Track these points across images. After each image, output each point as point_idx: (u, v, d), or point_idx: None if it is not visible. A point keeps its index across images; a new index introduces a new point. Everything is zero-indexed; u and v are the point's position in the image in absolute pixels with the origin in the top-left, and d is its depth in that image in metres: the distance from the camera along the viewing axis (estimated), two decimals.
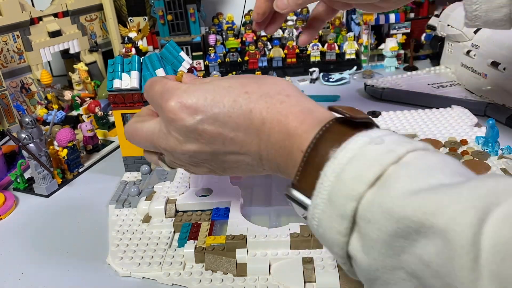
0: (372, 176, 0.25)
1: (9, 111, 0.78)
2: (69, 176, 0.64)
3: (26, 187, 0.62)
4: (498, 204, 0.21)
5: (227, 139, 0.34)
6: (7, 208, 0.57)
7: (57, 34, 0.91)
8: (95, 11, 1.00)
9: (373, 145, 0.26)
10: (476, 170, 0.52)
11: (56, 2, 0.92)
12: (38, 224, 0.55)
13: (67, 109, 0.86)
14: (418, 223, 0.22)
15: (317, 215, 0.27)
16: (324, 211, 0.27)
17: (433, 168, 0.25)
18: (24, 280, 0.45)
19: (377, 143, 0.26)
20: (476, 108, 0.71)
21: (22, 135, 0.57)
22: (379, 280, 0.25)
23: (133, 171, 0.63)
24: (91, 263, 0.47)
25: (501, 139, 0.58)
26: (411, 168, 0.25)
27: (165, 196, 0.51)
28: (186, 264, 0.44)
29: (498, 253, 0.20)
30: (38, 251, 0.50)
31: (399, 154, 0.25)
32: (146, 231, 0.50)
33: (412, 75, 0.90)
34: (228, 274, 0.43)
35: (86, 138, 0.70)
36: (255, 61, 0.99)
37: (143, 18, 1.02)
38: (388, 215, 0.24)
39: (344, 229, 0.26)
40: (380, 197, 0.24)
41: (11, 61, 0.84)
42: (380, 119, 0.69)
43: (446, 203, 0.22)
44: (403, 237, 0.23)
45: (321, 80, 0.96)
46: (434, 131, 0.64)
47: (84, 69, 0.90)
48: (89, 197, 0.60)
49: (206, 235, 0.46)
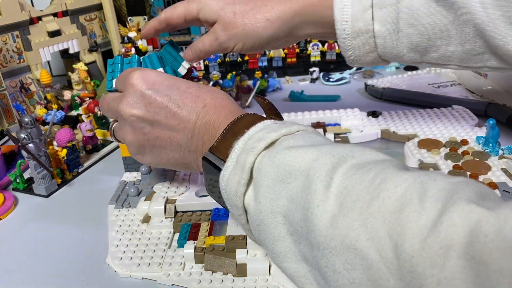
0: (269, 139, 0.32)
1: (8, 111, 0.78)
2: (69, 176, 0.64)
3: (25, 187, 0.62)
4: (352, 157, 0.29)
5: (170, 113, 0.40)
6: (7, 208, 0.57)
7: (56, 33, 0.91)
8: (94, 11, 1.00)
9: (275, 124, 0.35)
10: (476, 170, 0.52)
11: (56, 2, 0.92)
12: (38, 224, 0.55)
13: (67, 109, 0.86)
14: (291, 166, 0.30)
15: (225, 177, 0.34)
16: (231, 172, 0.33)
17: (314, 142, 0.32)
18: (24, 280, 0.45)
19: (279, 123, 0.35)
20: (476, 108, 0.71)
21: (21, 135, 0.57)
22: (262, 224, 0.31)
23: (132, 171, 0.63)
24: (90, 263, 0.47)
25: (502, 139, 0.58)
26: (298, 138, 0.32)
27: (164, 196, 0.51)
28: (185, 264, 0.44)
29: (343, 183, 0.27)
30: (38, 251, 0.50)
31: (291, 129, 0.33)
32: (146, 232, 0.50)
33: (412, 75, 0.90)
34: (228, 274, 0.42)
35: (86, 138, 0.70)
36: (255, 61, 0.99)
37: (143, 17, 1.02)
38: (272, 162, 0.31)
39: (243, 180, 0.32)
40: (270, 152, 0.32)
41: (11, 61, 0.84)
42: (381, 119, 0.69)
43: (312, 153, 0.30)
44: (281, 181, 0.30)
45: (321, 80, 0.96)
46: (435, 131, 0.64)
47: (83, 69, 0.90)
48: (88, 197, 0.60)
49: (206, 236, 0.46)
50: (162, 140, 0.41)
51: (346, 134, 0.66)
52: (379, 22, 0.46)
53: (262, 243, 0.33)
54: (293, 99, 0.87)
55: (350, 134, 0.66)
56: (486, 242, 0.21)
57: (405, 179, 0.25)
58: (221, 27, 0.50)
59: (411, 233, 0.23)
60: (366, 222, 0.25)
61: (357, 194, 0.26)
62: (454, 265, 0.21)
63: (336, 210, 0.26)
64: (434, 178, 0.25)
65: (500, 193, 0.48)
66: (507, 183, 0.50)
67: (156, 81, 0.42)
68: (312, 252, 0.28)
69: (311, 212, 0.27)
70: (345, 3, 0.46)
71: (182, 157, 0.42)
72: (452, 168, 0.54)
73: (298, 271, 0.30)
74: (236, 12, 0.50)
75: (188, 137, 0.40)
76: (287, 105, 0.85)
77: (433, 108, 0.71)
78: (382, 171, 0.27)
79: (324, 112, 0.72)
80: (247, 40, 0.51)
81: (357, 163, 0.28)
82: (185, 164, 0.43)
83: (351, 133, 0.66)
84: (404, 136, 0.64)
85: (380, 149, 0.64)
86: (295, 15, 0.49)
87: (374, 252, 0.24)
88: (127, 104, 0.42)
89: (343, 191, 0.27)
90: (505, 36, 0.41)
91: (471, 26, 0.42)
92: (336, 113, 0.72)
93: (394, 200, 0.25)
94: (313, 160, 0.29)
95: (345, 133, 0.66)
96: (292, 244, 0.30)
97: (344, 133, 0.66)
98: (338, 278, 0.26)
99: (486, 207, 0.22)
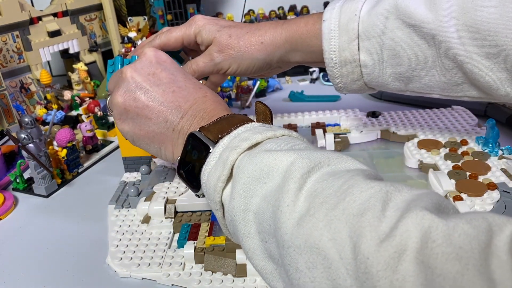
0: (254, 140, 0.33)
1: (8, 111, 0.78)
2: (69, 176, 0.64)
3: (25, 187, 0.62)
4: (328, 164, 0.30)
5: (169, 89, 0.42)
6: (7, 208, 0.57)
7: (56, 34, 0.91)
8: (94, 11, 1.00)
9: (262, 126, 0.36)
10: (476, 171, 0.53)
11: (56, 2, 0.92)
12: (38, 225, 0.55)
13: (67, 109, 0.86)
14: (269, 166, 0.31)
15: (206, 171, 0.35)
16: (213, 167, 0.34)
17: (296, 147, 0.33)
18: (23, 280, 0.45)
19: (265, 126, 0.36)
20: (476, 108, 0.71)
21: (21, 135, 0.57)
22: (234, 220, 0.32)
23: (132, 172, 0.63)
24: (90, 263, 0.47)
25: (502, 139, 0.58)
26: (280, 142, 0.34)
27: (164, 197, 0.51)
28: (185, 264, 0.44)
29: (314, 186, 0.28)
30: (38, 251, 0.50)
31: (276, 133, 0.35)
32: (146, 232, 0.50)
33: None
34: (228, 274, 0.43)
35: (86, 138, 0.70)
36: None
37: (143, 17, 1.02)
38: (251, 161, 0.32)
39: (223, 176, 0.33)
40: (251, 152, 0.33)
41: (11, 61, 0.84)
42: (380, 119, 0.69)
43: (291, 156, 0.31)
44: (257, 179, 0.31)
45: (321, 80, 0.96)
46: (434, 131, 0.64)
47: (83, 69, 0.90)
48: (88, 197, 0.60)
49: (206, 236, 0.46)
50: (150, 110, 0.42)
51: (346, 134, 0.66)
52: (364, 53, 0.48)
53: (235, 239, 0.34)
54: (293, 99, 0.87)
55: (350, 134, 0.66)
56: (433, 247, 0.22)
57: (371, 187, 0.26)
58: (216, 49, 0.52)
59: (369, 236, 0.24)
60: (330, 223, 0.26)
61: (325, 197, 0.27)
62: (406, 268, 0.22)
63: (304, 211, 0.27)
64: (400, 189, 0.26)
65: (500, 193, 0.48)
66: (507, 183, 0.50)
67: (167, 61, 0.45)
68: (278, 250, 0.29)
69: (280, 211, 0.28)
70: (332, 34, 0.48)
71: (162, 133, 0.42)
72: (452, 169, 0.54)
73: (265, 268, 0.31)
74: (232, 34, 0.51)
75: (178, 115, 0.41)
76: (287, 105, 0.85)
77: (433, 108, 0.71)
78: (352, 178, 0.28)
79: (324, 112, 0.73)
80: (242, 62, 0.52)
81: (331, 170, 0.30)
82: (160, 142, 0.42)
83: (351, 133, 0.66)
84: (404, 136, 0.64)
85: (379, 149, 0.64)
86: (286, 42, 0.51)
87: (334, 252, 0.25)
88: (133, 68, 0.43)
89: (313, 193, 0.28)
90: (482, 70, 0.43)
91: (450, 59, 0.44)
92: (336, 113, 0.72)
93: (358, 204, 0.26)
94: (290, 163, 0.30)
95: (344, 133, 0.66)
96: (260, 242, 0.31)
97: (343, 133, 0.66)
98: (300, 276, 0.27)
99: (438, 215, 0.23)
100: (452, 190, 0.50)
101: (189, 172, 0.38)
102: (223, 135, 0.36)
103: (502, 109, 0.69)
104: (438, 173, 0.53)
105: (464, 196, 0.48)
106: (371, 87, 0.52)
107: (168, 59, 0.45)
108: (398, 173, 0.58)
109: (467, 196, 0.48)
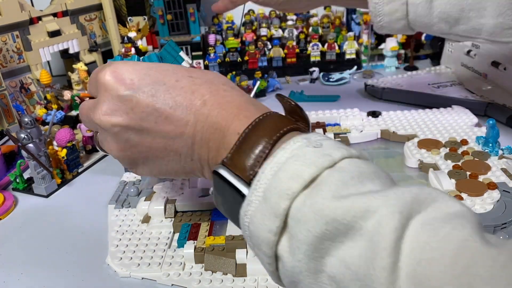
0: (308, 177, 0.25)
1: (8, 111, 0.78)
2: (69, 176, 0.64)
3: (25, 187, 0.62)
4: (419, 211, 0.23)
5: (161, 117, 0.33)
6: (6, 208, 0.57)
7: (56, 33, 0.91)
8: (94, 11, 1.00)
9: (311, 148, 0.27)
10: (476, 170, 0.52)
11: (56, 2, 0.91)
12: (37, 225, 0.55)
13: (67, 109, 0.86)
14: (347, 225, 0.23)
15: (250, 212, 0.27)
16: (258, 209, 0.27)
17: (364, 175, 0.26)
18: (23, 280, 0.45)
19: (316, 146, 0.27)
20: (476, 108, 0.71)
21: (21, 135, 0.57)
22: (301, 283, 0.26)
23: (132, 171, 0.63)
24: (90, 263, 0.47)
25: (502, 139, 0.58)
26: (344, 173, 0.26)
27: (164, 197, 0.51)
28: (185, 264, 0.44)
29: (415, 256, 0.21)
30: (38, 251, 0.50)
31: (334, 158, 0.26)
32: (146, 232, 0.50)
33: (412, 75, 0.90)
34: (228, 274, 0.42)
35: (86, 138, 0.70)
36: (255, 61, 0.99)
37: (143, 17, 1.02)
38: (318, 217, 0.24)
39: (276, 228, 0.26)
40: (312, 198, 0.25)
41: (11, 61, 0.84)
42: (380, 119, 0.69)
43: (374, 207, 0.23)
44: (330, 239, 0.24)
45: (321, 80, 0.96)
46: (434, 131, 0.64)
47: (83, 69, 0.90)
48: (88, 197, 0.60)
49: (206, 236, 0.46)
50: (155, 150, 0.34)
51: (346, 134, 0.66)
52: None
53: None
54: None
55: (350, 134, 0.66)
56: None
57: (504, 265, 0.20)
58: None
59: None
60: None
61: (436, 279, 0.20)
62: None
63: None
64: None
65: (500, 193, 0.48)
66: (507, 183, 0.50)
67: (134, 78, 0.34)
68: None
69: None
70: None
71: (183, 167, 0.35)
72: (452, 168, 0.54)
73: None
74: None
75: (188, 144, 0.33)
76: None
77: (433, 108, 0.71)
78: (464, 245, 0.21)
79: (324, 112, 0.73)
80: None
81: (426, 221, 0.22)
82: (189, 173, 0.36)
83: (351, 133, 0.66)
84: (404, 136, 0.64)
85: (380, 149, 0.64)
86: None
87: None
88: (104, 113, 0.34)
89: (416, 277, 0.21)
90: None
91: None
92: (336, 113, 0.72)
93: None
94: (376, 221, 0.23)
95: (344, 133, 0.66)
96: None
97: (343, 133, 0.66)
98: None
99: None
100: (452, 190, 0.50)
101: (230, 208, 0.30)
102: (255, 170, 0.28)
103: (502, 108, 0.69)
104: (438, 172, 0.53)
105: (464, 195, 0.48)
106: (412, 28, 0.50)
107: (133, 74, 0.34)
108: (398, 173, 0.58)
109: (467, 195, 0.48)
